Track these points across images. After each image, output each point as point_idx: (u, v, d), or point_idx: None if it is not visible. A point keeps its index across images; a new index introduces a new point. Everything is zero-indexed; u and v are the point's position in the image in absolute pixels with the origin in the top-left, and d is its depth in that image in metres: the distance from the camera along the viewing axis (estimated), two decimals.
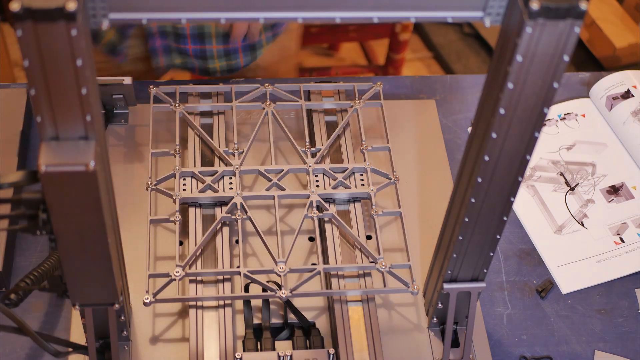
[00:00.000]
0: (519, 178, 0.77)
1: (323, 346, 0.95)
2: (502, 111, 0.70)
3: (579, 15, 0.62)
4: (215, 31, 1.25)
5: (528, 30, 0.63)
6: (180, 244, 1.01)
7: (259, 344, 0.94)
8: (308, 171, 1.06)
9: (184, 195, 1.01)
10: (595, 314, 1.04)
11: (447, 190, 0.88)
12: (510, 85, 0.67)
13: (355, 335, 0.94)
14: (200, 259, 0.98)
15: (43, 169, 0.65)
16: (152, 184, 1.02)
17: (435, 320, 0.98)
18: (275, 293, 0.93)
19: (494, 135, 0.72)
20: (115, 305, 0.84)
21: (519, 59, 0.65)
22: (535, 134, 0.72)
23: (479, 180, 0.76)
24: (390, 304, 1.01)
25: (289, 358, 0.91)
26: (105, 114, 1.14)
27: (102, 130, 0.71)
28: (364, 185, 1.06)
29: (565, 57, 0.66)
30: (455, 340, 0.97)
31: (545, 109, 0.70)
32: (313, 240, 1.06)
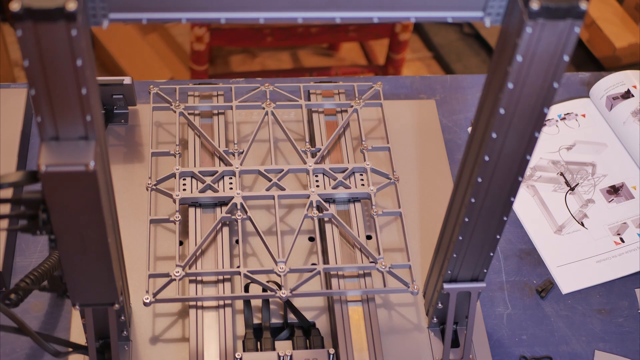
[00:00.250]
0: (519, 178, 0.77)
1: (323, 346, 0.95)
2: (502, 111, 0.70)
3: (579, 15, 0.62)
4: None
5: (528, 30, 0.63)
6: (180, 244, 1.01)
7: (259, 344, 0.94)
8: (308, 171, 1.06)
9: (184, 195, 1.01)
10: (595, 314, 1.04)
11: (447, 190, 0.88)
12: (510, 85, 0.67)
13: (355, 335, 0.94)
14: (200, 259, 0.98)
15: (43, 169, 0.65)
16: (152, 184, 1.02)
17: (435, 320, 0.98)
18: (275, 293, 0.93)
19: (494, 135, 0.72)
20: (115, 305, 0.84)
21: (519, 59, 0.65)
22: (535, 134, 0.72)
23: (479, 180, 0.76)
24: (390, 304, 1.01)
25: (289, 358, 0.91)
26: (105, 114, 1.14)
27: (102, 130, 0.71)
28: (364, 185, 1.06)
29: (565, 57, 0.66)
30: (455, 340, 0.97)
31: (545, 109, 0.70)
32: (313, 240, 1.06)
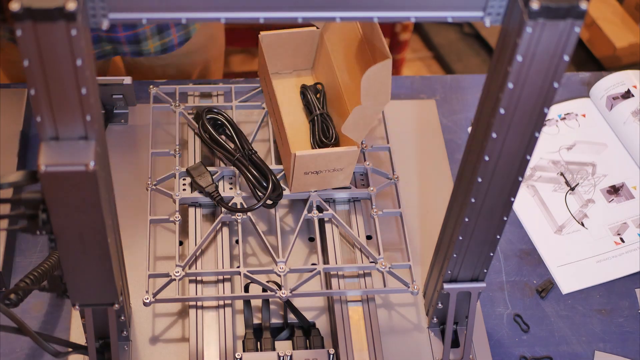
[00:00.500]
0: (519, 178, 0.76)
1: (323, 346, 0.95)
2: (502, 111, 0.70)
3: (579, 15, 0.62)
4: None
5: (528, 30, 0.63)
6: (180, 244, 1.01)
7: (259, 344, 0.94)
8: None
9: (184, 195, 1.01)
10: (595, 314, 1.04)
11: (447, 190, 0.88)
12: (510, 85, 0.67)
13: (355, 335, 0.94)
14: (200, 259, 0.98)
15: (43, 169, 0.65)
16: (152, 184, 1.02)
17: (435, 320, 0.98)
18: (275, 293, 0.93)
19: (494, 135, 0.72)
20: (115, 305, 0.84)
21: (519, 59, 0.65)
22: (536, 134, 0.72)
23: (479, 180, 0.76)
24: (390, 304, 1.01)
25: (289, 358, 0.91)
26: (105, 114, 1.14)
27: (102, 130, 0.71)
28: (364, 185, 1.06)
29: (565, 57, 0.65)
30: (455, 340, 0.97)
31: (545, 109, 0.70)
32: (313, 240, 1.06)
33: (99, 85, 0.71)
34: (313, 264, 1.03)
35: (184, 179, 1.04)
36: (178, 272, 0.94)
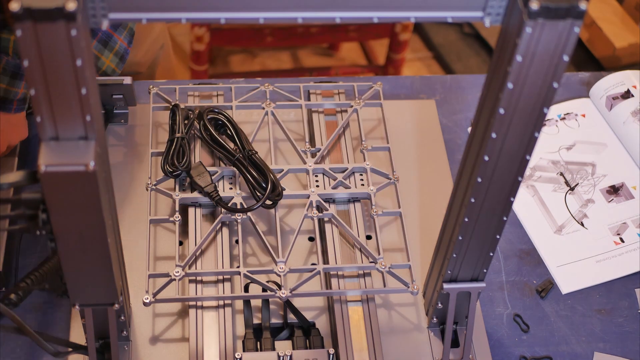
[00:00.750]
0: (519, 178, 0.76)
1: (323, 346, 0.95)
2: (502, 111, 0.70)
3: (579, 15, 0.62)
4: None
5: (528, 30, 0.63)
6: (180, 244, 1.01)
7: (259, 344, 0.94)
8: (308, 171, 1.06)
9: (183, 195, 1.01)
10: (595, 314, 1.04)
11: (447, 190, 0.88)
12: (510, 85, 0.67)
13: (355, 335, 0.94)
14: (200, 259, 0.98)
15: (43, 169, 0.65)
16: (152, 184, 1.02)
17: (435, 320, 0.98)
18: (275, 293, 0.93)
19: (494, 135, 0.72)
20: (115, 305, 0.84)
21: (519, 59, 0.65)
22: (535, 134, 0.72)
23: (479, 180, 0.76)
24: (390, 304, 1.01)
25: (289, 358, 0.91)
26: (105, 114, 1.14)
27: (102, 130, 0.71)
28: (363, 185, 1.06)
29: (565, 57, 0.66)
30: (455, 340, 0.97)
31: (545, 109, 0.70)
32: (313, 240, 1.06)
33: (99, 85, 0.71)
34: (313, 264, 1.03)
35: (184, 179, 1.04)
36: (178, 272, 0.94)
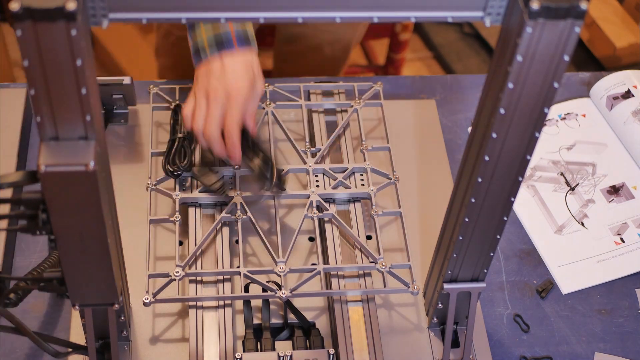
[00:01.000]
0: (519, 178, 0.76)
1: (323, 346, 0.95)
2: (502, 111, 0.70)
3: (579, 15, 0.62)
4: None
5: (528, 30, 0.63)
6: (180, 244, 1.01)
7: (259, 344, 0.94)
8: (308, 171, 1.06)
9: (183, 195, 1.01)
10: (595, 314, 1.04)
11: (447, 190, 0.88)
12: (510, 85, 0.67)
13: (355, 335, 0.94)
14: (200, 259, 0.98)
15: (43, 169, 0.65)
16: (152, 184, 1.02)
17: (435, 320, 0.98)
18: (275, 293, 0.93)
19: (494, 135, 0.72)
20: (115, 305, 0.84)
21: (519, 59, 0.65)
22: (536, 134, 0.72)
23: (479, 180, 0.76)
24: (390, 304, 1.01)
25: (289, 358, 0.91)
26: (105, 114, 1.14)
27: (102, 130, 0.71)
28: (364, 185, 1.06)
29: (565, 57, 0.65)
30: (455, 340, 0.97)
31: (545, 109, 0.70)
32: (313, 240, 1.05)
33: (98, 85, 0.71)
34: (313, 264, 1.03)
35: (184, 179, 1.04)
36: (178, 272, 0.94)
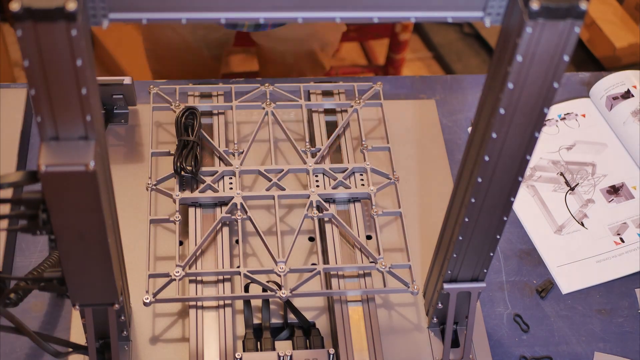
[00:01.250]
0: (519, 178, 0.76)
1: (323, 346, 0.95)
2: (502, 111, 0.70)
3: (579, 15, 0.62)
4: None
5: (528, 30, 0.63)
6: (180, 244, 1.01)
7: (259, 344, 0.94)
8: (308, 171, 1.06)
9: (183, 195, 1.01)
10: (595, 314, 1.04)
11: (447, 190, 0.88)
12: (510, 85, 0.67)
13: (355, 335, 0.94)
14: (200, 259, 0.98)
15: (43, 169, 0.65)
16: (152, 184, 1.02)
17: (435, 320, 0.98)
18: (275, 293, 0.93)
19: (494, 135, 0.72)
20: (115, 305, 0.84)
21: (519, 59, 0.65)
22: (535, 134, 0.72)
23: (479, 180, 0.76)
24: (390, 304, 1.01)
25: (289, 358, 0.91)
26: (105, 114, 1.14)
27: (102, 130, 0.71)
28: (364, 185, 1.06)
29: (565, 57, 0.66)
30: (455, 340, 0.97)
31: (545, 109, 0.70)
32: (313, 240, 1.06)
33: (99, 85, 0.71)
34: (313, 264, 1.03)
35: (184, 179, 1.04)
36: (178, 272, 0.94)
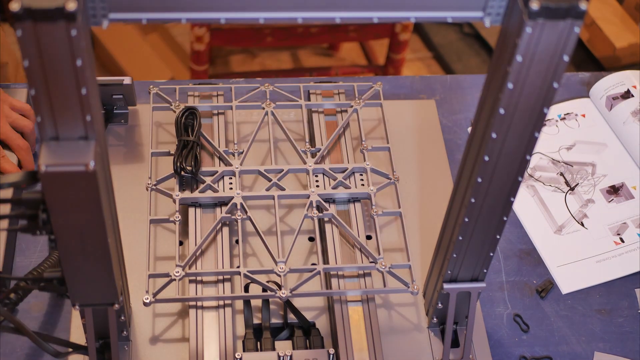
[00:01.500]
0: (519, 178, 0.77)
1: (323, 346, 0.95)
2: (502, 111, 0.70)
3: (579, 15, 0.62)
4: None
5: (528, 30, 0.63)
6: (180, 244, 1.01)
7: (259, 344, 0.94)
8: (308, 171, 1.06)
9: (183, 195, 1.01)
10: (595, 314, 1.04)
11: (447, 190, 0.88)
12: (510, 85, 0.67)
13: (355, 335, 0.94)
14: (200, 259, 0.98)
15: (43, 169, 0.65)
16: (152, 184, 1.02)
17: (435, 320, 0.98)
18: (275, 293, 0.93)
19: (494, 135, 0.72)
20: (115, 305, 0.84)
21: (519, 59, 0.65)
22: (535, 134, 0.72)
23: (479, 180, 0.76)
24: (390, 304, 1.01)
25: (289, 358, 0.91)
26: (105, 114, 1.14)
27: (102, 130, 0.71)
28: (364, 185, 1.06)
29: (565, 57, 0.66)
30: (455, 340, 0.97)
31: (545, 109, 0.70)
32: (313, 240, 1.06)
33: (98, 85, 0.72)
34: (313, 264, 1.03)
35: (184, 179, 1.04)
36: (178, 272, 0.94)
